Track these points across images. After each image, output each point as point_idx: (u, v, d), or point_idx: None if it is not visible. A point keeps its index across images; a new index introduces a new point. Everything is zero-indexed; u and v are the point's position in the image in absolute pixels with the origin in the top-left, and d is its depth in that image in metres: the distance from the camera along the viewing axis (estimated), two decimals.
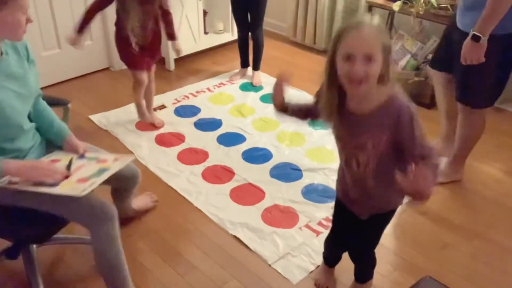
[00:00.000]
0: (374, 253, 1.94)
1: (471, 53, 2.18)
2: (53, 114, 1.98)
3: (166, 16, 2.96)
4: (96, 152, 2.00)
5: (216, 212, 2.49)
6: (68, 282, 2.12)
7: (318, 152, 2.98)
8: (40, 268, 2.06)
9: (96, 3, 2.78)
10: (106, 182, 1.80)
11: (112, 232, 1.78)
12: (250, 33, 3.70)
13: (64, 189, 1.71)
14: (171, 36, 3.06)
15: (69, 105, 2.20)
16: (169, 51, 3.96)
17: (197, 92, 3.70)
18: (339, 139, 1.62)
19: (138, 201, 2.42)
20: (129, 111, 3.37)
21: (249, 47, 3.82)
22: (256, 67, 3.84)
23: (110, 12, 3.02)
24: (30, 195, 1.70)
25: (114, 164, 1.87)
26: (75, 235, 2.28)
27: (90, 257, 2.05)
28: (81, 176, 1.79)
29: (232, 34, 4.41)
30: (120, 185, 2.16)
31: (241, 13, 3.62)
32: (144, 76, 3.05)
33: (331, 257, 2.08)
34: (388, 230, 2.40)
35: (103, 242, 1.78)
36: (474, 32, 2.13)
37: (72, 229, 2.32)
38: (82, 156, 1.91)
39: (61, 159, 1.88)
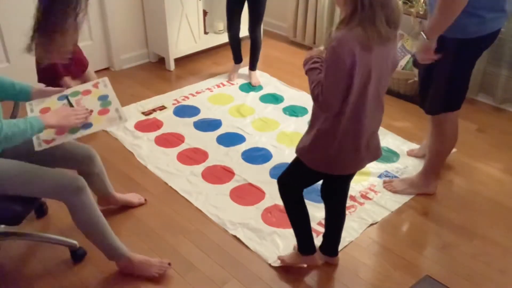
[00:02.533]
0: None
1: (423, 51, 2.19)
2: (10, 78, 1.99)
3: None
4: (70, 89, 2.04)
5: (216, 212, 2.49)
6: (36, 276, 2.13)
7: None
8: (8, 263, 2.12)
9: None
10: (64, 165, 1.96)
11: (86, 200, 1.89)
12: (248, 33, 3.70)
13: (101, 124, 1.79)
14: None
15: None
16: (169, 51, 3.97)
17: (197, 92, 3.70)
18: None
19: (125, 195, 2.46)
20: (129, 112, 3.37)
21: (240, 43, 3.83)
22: (253, 67, 3.83)
23: (111, 12, 3.02)
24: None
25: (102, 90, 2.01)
26: (46, 234, 2.28)
27: (59, 253, 2.17)
28: (94, 108, 1.87)
29: None
30: (79, 169, 2.17)
31: (236, 12, 3.61)
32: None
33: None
34: (388, 230, 2.41)
35: (81, 212, 1.90)
36: (422, 33, 2.14)
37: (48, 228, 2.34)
38: (63, 96, 1.96)
39: (49, 105, 1.92)
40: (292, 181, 1.96)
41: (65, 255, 2.18)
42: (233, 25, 3.68)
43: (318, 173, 1.86)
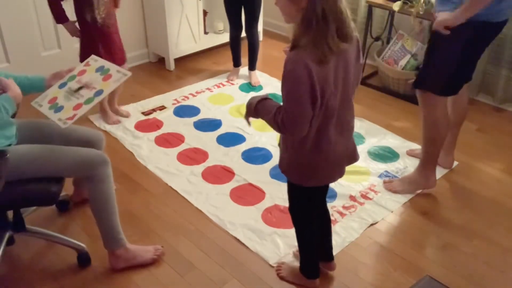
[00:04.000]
0: None
1: (441, 20, 2.19)
2: (21, 75, 2.07)
3: None
4: (66, 76, 2.11)
5: (216, 212, 2.49)
6: (37, 276, 2.13)
7: None
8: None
9: None
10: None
11: (110, 174, 2.05)
12: (245, 33, 3.70)
13: (109, 86, 1.98)
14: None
15: None
16: (169, 51, 3.97)
17: (197, 92, 3.70)
18: None
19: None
20: (129, 112, 3.37)
21: (240, 46, 3.83)
22: (252, 67, 3.84)
23: None
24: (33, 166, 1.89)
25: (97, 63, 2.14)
26: (57, 234, 2.26)
27: (65, 258, 2.18)
28: (96, 79, 2.03)
29: None
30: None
31: (235, 13, 3.62)
32: None
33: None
34: (388, 230, 2.41)
35: (104, 185, 2.01)
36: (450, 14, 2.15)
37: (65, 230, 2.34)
38: (63, 83, 2.06)
39: (54, 95, 2.02)
40: (299, 206, 1.94)
41: (70, 256, 2.17)
42: (234, 27, 3.68)
43: (311, 188, 1.84)
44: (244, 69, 3.92)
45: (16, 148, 1.91)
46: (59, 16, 2.88)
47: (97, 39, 2.88)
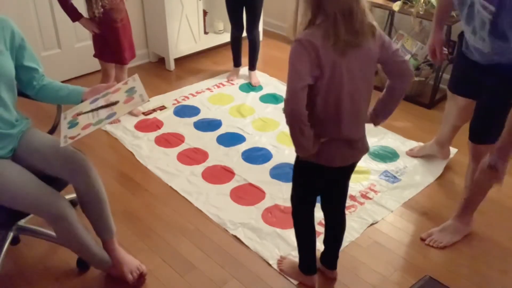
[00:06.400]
0: None
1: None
2: (61, 83, 2.05)
3: None
4: (102, 92, 2.02)
5: (217, 212, 2.49)
6: (38, 276, 2.13)
7: None
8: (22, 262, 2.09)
9: None
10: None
11: (65, 229, 1.87)
12: (246, 33, 3.70)
13: (123, 109, 1.84)
14: None
15: None
16: (169, 51, 3.97)
17: (197, 92, 3.70)
18: None
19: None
20: (129, 112, 3.37)
21: (241, 46, 3.83)
22: (252, 67, 3.84)
23: None
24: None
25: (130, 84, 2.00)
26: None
27: (68, 260, 2.16)
28: (119, 100, 1.90)
29: None
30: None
31: (236, 13, 3.62)
32: (110, 69, 3.13)
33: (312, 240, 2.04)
34: (388, 230, 2.41)
35: (60, 236, 1.91)
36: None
37: None
38: (95, 99, 1.96)
39: (82, 109, 1.94)
40: (297, 191, 1.94)
41: (73, 258, 2.16)
42: (235, 27, 3.68)
43: (312, 170, 1.81)
44: (244, 69, 3.93)
45: None
46: (72, 14, 2.92)
47: (106, 34, 2.92)
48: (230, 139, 3.11)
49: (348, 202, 2.54)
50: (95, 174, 1.94)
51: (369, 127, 1.81)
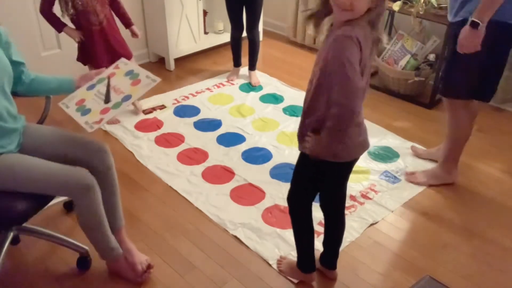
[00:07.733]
0: None
1: (469, 41, 2.13)
2: (48, 76, 2.06)
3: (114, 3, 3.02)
4: (95, 78, 2.05)
5: (216, 212, 2.49)
6: (39, 276, 2.13)
7: None
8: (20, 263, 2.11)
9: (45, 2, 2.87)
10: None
11: (92, 201, 1.87)
12: (246, 33, 3.70)
13: (138, 92, 1.93)
14: (127, 24, 3.12)
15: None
16: (169, 51, 3.97)
17: (197, 92, 3.70)
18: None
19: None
20: (129, 111, 3.37)
21: (241, 46, 3.83)
22: (252, 67, 3.84)
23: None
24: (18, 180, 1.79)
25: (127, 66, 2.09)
26: (60, 235, 2.23)
27: (69, 260, 2.16)
28: (124, 83, 1.97)
29: None
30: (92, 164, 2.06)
31: (236, 13, 3.62)
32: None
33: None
34: (388, 230, 2.41)
35: (85, 212, 1.89)
36: (473, 19, 2.08)
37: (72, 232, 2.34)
38: (92, 85, 2.00)
39: (82, 97, 1.97)
40: (296, 188, 1.94)
41: (73, 258, 2.16)
42: (235, 27, 3.68)
43: (315, 168, 1.80)
44: (244, 69, 3.93)
45: (4, 158, 1.82)
46: (56, 24, 2.91)
47: (92, 38, 2.91)
48: (230, 139, 3.11)
49: (348, 202, 2.54)
50: (112, 158, 2.00)
51: (370, 126, 1.81)
